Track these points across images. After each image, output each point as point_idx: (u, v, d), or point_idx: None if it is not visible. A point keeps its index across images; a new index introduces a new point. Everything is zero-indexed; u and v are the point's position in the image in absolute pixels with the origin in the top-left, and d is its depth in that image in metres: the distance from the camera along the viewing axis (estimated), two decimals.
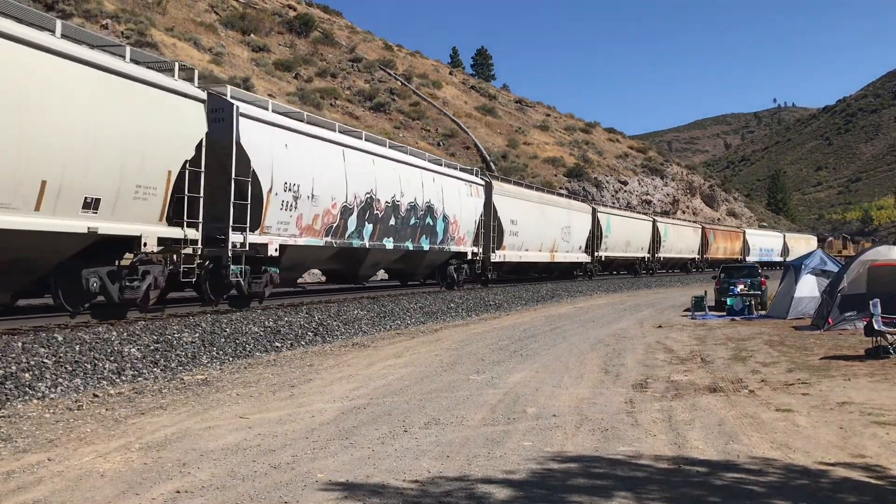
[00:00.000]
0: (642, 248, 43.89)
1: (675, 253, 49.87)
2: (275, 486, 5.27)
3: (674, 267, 53.02)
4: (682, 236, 51.64)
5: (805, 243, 75.44)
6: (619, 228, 39.56)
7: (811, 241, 78.02)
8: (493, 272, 26.19)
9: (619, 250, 40.21)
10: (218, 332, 11.77)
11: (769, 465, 5.95)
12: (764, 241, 67.60)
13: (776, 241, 70.83)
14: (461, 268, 23.91)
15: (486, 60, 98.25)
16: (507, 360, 11.46)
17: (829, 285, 16.98)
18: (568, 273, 34.79)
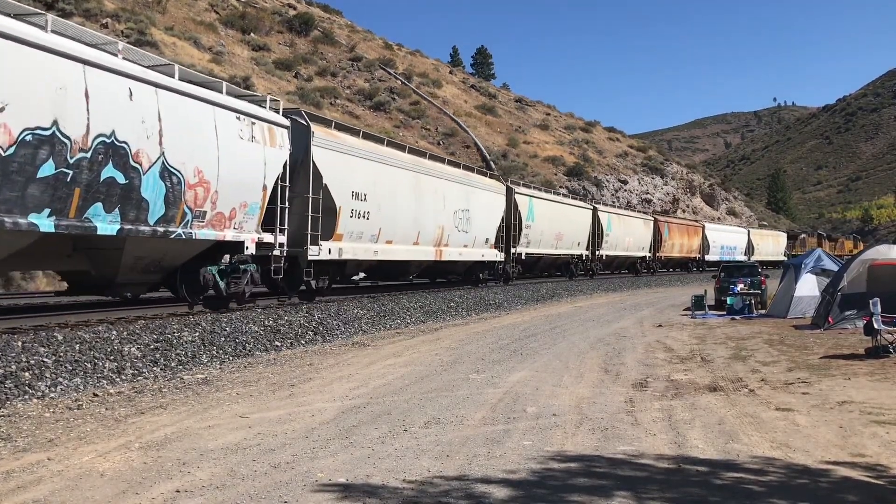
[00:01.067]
0: (579, 243, 36.14)
1: (622, 250, 40.79)
2: (275, 485, 5.27)
3: (620, 267, 43.59)
4: (629, 230, 41.87)
5: (773, 241, 69.44)
6: (547, 217, 31.47)
7: (779, 239, 71.40)
8: (317, 278, 16.22)
9: (548, 246, 31.97)
10: (218, 332, 11.77)
11: (769, 464, 5.95)
12: (726, 238, 58.99)
13: (739, 238, 61.76)
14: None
15: (486, 60, 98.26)
16: (507, 360, 11.46)
17: (829, 284, 16.98)
18: (470, 276, 26.08)
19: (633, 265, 44.53)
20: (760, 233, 68.96)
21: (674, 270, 52.14)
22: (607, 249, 38.25)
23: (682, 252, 50.92)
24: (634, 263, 44.39)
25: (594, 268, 37.10)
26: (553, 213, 31.97)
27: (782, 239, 71.76)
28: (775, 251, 68.15)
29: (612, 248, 39.30)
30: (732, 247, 59.07)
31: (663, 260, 47.59)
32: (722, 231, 60.05)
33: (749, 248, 61.57)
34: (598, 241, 36.57)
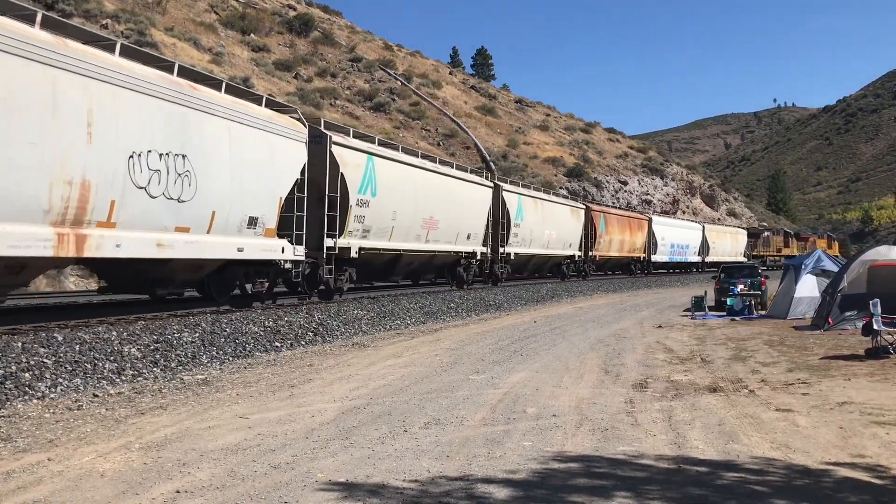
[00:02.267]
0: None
1: (540, 247, 30.31)
2: (275, 485, 5.26)
3: (537, 270, 33.18)
4: (550, 219, 31.13)
5: (731, 239, 60.57)
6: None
7: (738, 237, 62.23)
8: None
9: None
10: (218, 332, 11.77)
11: (769, 464, 5.95)
12: (676, 235, 49.76)
13: (692, 236, 52.71)
14: None
15: (486, 60, 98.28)
16: (507, 360, 11.46)
17: (829, 285, 16.98)
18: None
19: (557, 267, 33.54)
20: (717, 229, 59.58)
21: (612, 274, 42.95)
22: (516, 246, 27.92)
23: (623, 251, 41.04)
24: (559, 265, 33.46)
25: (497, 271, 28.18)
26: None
27: (741, 237, 62.77)
28: (734, 250, 59.95)
29: (522, 243, 28.62)
30: (684, 245, 50.63)
31: (598, 261, 37.36)
32: (671, 226, 50.14)
33: (704, 247, 53.88)
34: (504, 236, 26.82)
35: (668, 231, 48.58)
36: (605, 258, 38.74)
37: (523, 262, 29.98)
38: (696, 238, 53.12)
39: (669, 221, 52.15)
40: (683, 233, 51.80)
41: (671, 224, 51.40)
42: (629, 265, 43.99)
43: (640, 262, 44.89)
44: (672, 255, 48.54)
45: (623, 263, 43.30)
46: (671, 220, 54.89)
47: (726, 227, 65.09)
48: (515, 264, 28.76)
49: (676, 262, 50.78)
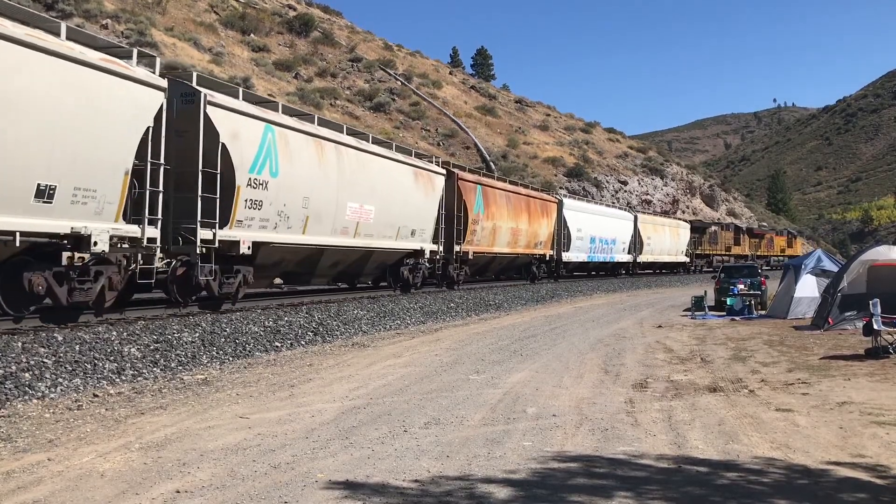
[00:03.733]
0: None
1: (364, 236, 17.89)
2: (275, 485, 5.26)
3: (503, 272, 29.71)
4: (383, 191, 18.48)
5: (672, 234, 48.75)
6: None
7: (680, 231, 50.33)
8: None
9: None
10: (218, 332, 11.77)
11: (769, 464, 5.95)
12: (599, 226, 36.64)
13: (621, 229, 40.06)
14: None
15: (486, 60, 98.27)
16: (507, 360, 11.46)
17: (829, 285, 16.98)
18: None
19: (395, 271, 20.63)
20: (654, 222, 46.92)
21: (495, 280, 29.82)
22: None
23: (516, 245, 27.71)
24: (397, 266, 20.57)
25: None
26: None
27: (684, 232, 51.01)
28: (674, 248, 49.21)
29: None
30: (609, 240, 38.03)
31: (471, 259, 24.07)
32: (591, 214, 36.87)
33: (636, 242, 42.31)
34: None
35: (587, 220, 35.40)
36: (482, 255, 24.91)
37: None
38: (625, 231, 40.75)
39: (589, 207, 38.55)
40: (609, 224, 38.35)
41: (591, 211, 37.53)
42: (527, 266, 30.35)
43: (543, 263, 31.29)
44: (593, 253, 35.99)
45: (515, 264, 29.66)
46: (592, 205, 40.72)
47: (665, 218, 52.79)
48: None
49: (598, 261, 37.40)
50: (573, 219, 33.85)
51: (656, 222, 47.48)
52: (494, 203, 25.58)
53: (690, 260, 52.84)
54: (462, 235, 22.92)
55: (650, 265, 47.17)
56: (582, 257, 35.06)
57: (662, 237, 46.98)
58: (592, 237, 35.87)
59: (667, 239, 47.77)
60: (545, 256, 31.25)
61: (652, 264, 47.20)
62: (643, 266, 45.42)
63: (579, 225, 34.39)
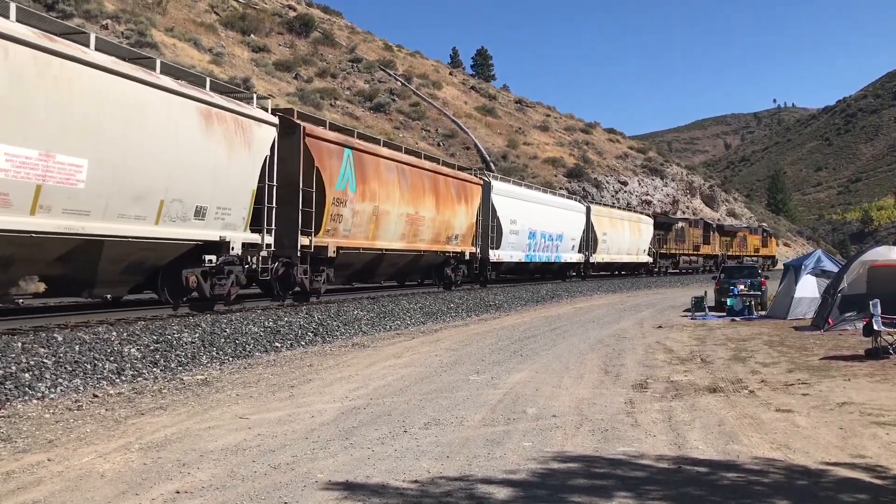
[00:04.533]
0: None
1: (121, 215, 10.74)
2: (275, 486, 5.26)
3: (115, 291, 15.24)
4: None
5: (632, 230, 41.59)
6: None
7: (641, 227, 43.34)
8: None
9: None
10: (218, 333, 11.77)
11: (769, 465, 5.95)
12: (539, 218, 29.33)
13: (570, 221, 33.06)
14: None
15: (486, 60, 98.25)
16: (506, 361, 11.46)
17: (829, 286, 16.98)
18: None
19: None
20: (611, 215, 39.67)
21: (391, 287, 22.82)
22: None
23: (415, 239, 20.09)
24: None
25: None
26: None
27: (646, 227, 44.19)
28: (634, 246, 42.45)
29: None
30: (555, 235, 30.89)
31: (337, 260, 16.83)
32: (531, 202, 28.93)
33: (588, 239, 35.47)
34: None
35: (526, 210, 27.95)
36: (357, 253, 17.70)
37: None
38: (575, 226, 33.66)
39: (528, 193, 29.66)
40: (555, 215, 31.04)
41: (531, 198, 29.37)
42: (439, 268, 22.74)
43: (463, 263, 23.59)
44: (533, 252, 28.86)
45: (420, 266, 21.84)
46: (532, 191, 31.04)
47: (624, 211, 45.04)
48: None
49: (540, 262, 30.30)
50: (506, 207, 26.16)
51: (613, 216, 40.22)
52: (376, 177, 17.63)
53: (654, 260, 45.90)
54: (319, 227, 15.66)
55: (606, 266, 40.37)
56: (518, 256, 27.55)
57: (621, 233, 39.96)
58: (532, 231, 28.44)
59: (626, 235, 40.86)
60: (464, 255, 23.27)
61: (608, 265, 40.40)
62: (597, 267, 38.26)
63: (514, 215, 26.84)
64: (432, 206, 20.70)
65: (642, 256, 43.99)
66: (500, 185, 26.79)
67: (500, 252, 25.97)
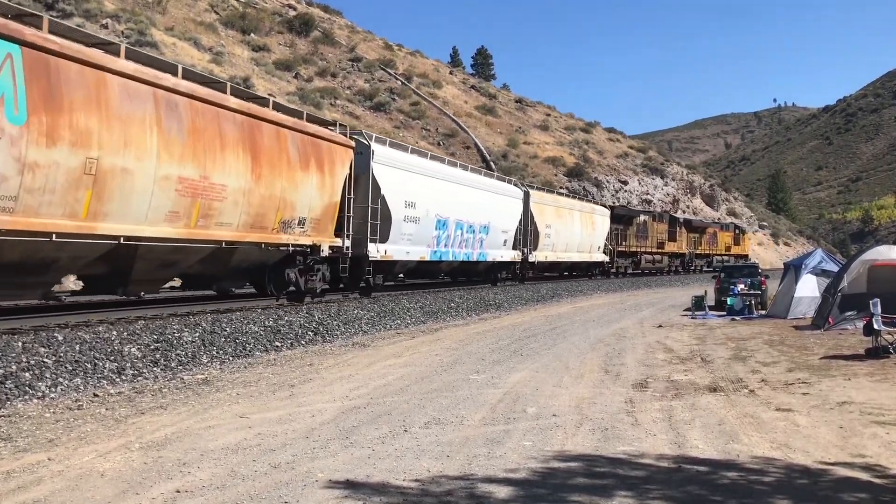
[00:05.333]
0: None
1: None
2: (275, 485, 5.26)
3: None
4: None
5: (583, 222, 34.57)
6: None
7: (595, 219, 36.39)
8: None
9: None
10: (218, 332, 11.77)
11: (769, 464, 5.95)
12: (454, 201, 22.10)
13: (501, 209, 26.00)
14: None
15: (486, 60, 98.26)
16: (507, 360, 11.46)
17: (830, 285, 16.98)
18: None
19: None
20: (557, 204, 32.45)
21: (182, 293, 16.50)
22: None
23: (206, 220, 12.15)
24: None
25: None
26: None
27: (601, 221, 37.34)
28: (587, 242, 35.45)
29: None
30: (479, 226, 23.89)
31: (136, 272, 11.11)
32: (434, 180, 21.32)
33: (528, 232, 28.40)
34: None
35: (432, 189, 20.86)
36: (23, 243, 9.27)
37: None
38: (509, 215, 26.45)
39: (433, 167, 21.80)
40: (477, 200, 23.83)
41: (440, 174, 21.93)
42: (276, 270, 15.48)
43: (322, 260, 16.58)
44: (444, 247, 21.73)
45: (236, 265, 13.97)
46: (440, 164, 22.91)
47: (574, 200, 36.81)
48: None
49: (458, 261, 23.20)
50: (398, 183, 18.82)
51: (561, 205, 32.78)
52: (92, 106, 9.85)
53: (611, 259, 39.18)
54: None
55: (552, 267, 33.20)
56: (418, 253, 20.17)
57: (569, 227, 32.86)
58: (443, 219, 21.15)
59: (576, 229, 33.78)
60: (319, 250, 16.02)
61: (555, 265, 33.33)
62: (539, 268, 31.34)
63: (412, 195, 19.57)
64: (244, 170, 13.07)
65: (597, 255, 37.16)
66: (386, 152, 18.41)
67: (390, 247, 18.52)
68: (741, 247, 65.31)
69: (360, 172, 17.49)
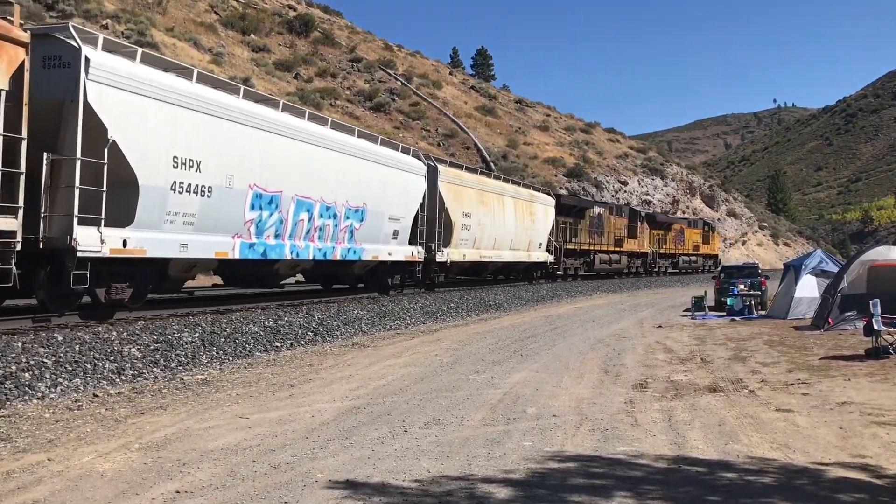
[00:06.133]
0: None
1: None
2: (275, 485, 5.27)
3: None
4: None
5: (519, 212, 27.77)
6: None
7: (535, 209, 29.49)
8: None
9: None
10: (218, 332, 11.78)
11: (769, 465, 5.95)
12: (303, 166, 14.90)
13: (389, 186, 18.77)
14: None
15: (486, 60, 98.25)
16: (507, 360, 11.46)
17: (830, 286, 16.98)
18: None
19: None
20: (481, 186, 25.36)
21: None
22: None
23: None
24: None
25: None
26: None
27: (544, 211, 30.47)
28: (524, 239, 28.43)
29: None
30: (344, 207, 16.78)
31: None
32: (257, 131, 13.35)
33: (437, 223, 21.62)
34: None
35: (249, 143, 13.31)
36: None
37: None
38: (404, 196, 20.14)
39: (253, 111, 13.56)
40: (345, 168, 16.96)
41: (272, 124, 14.02)
42: None
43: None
44: (274, 239, 14.38)
45: None
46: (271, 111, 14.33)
47: (507, 184, 28.41)
48: None
49: (301, 259, 15.66)
50: (161, 123, 11.36)
51: (486, 188, 25.54)
52: None
53: (556, 258, 32.21)
54: None
55: (474, 268, 26.21)
56: (213, 246, 12.84)
57: (499, 217, 25.96)
58: (268, 194, 14.12)
59: (509, 221, 26.72)
60: None
61: (479, 266, 26.15)
62: (457, 269, 24.45)
63: (198, 148, 12.15)
64: None
65: (538, 253, 29.82)
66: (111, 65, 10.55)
67: (144, 235, 11.26)
68: (710, 246, 59.44)
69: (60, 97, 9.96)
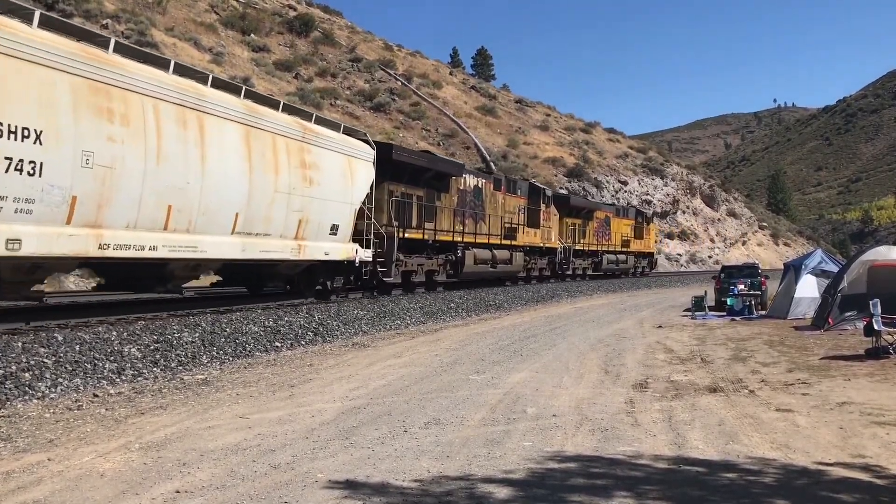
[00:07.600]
0: None
1: None
2: (275, 485, 5.26)
3: None
4: None
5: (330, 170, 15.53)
6: None
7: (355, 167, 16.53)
8: None
9: None
10: (218, 332, 11.78)
11: (769, 465, 5.95)
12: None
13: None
14: None
15: (486, 60, 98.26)
16: (507, 360, 11.46)
17: (830, 286, 16.98)
18: None
19: None
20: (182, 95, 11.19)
21: None
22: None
23: None
24: None
25: None
26: None
27: (340, 166, 16.24)
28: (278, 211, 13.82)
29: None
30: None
31: None
32: None
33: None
34: None
35: None
36: None
37: None
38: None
39: None
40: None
41: None
42: None
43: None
44: None
45: None
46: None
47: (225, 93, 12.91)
48: None
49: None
50: None
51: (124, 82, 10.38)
52: None
53: (386, 254, 18.65)
54: None
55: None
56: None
57: (195, 157, 11.68)
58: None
59: (231, 171, 12.58)
60: None
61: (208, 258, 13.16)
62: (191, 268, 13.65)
63: None
64: None
65: (326, 244, 16.12)
66: None
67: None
68: (644, 241, 46.56)
69: None
